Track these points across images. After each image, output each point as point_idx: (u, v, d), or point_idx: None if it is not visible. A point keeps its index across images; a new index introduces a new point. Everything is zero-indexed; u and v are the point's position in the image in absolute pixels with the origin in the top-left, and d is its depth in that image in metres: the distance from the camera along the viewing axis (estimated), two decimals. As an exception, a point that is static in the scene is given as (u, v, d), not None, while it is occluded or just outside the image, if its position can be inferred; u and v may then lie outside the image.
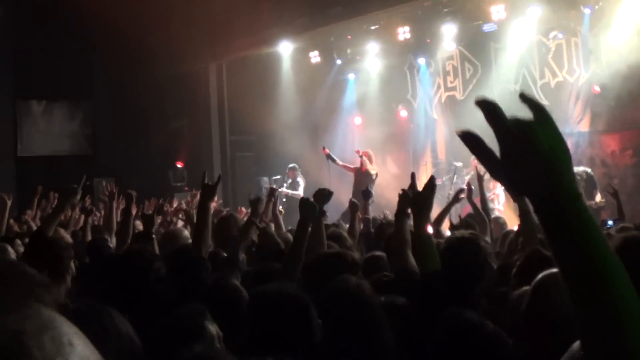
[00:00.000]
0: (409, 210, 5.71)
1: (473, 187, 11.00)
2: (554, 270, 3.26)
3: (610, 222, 7.98)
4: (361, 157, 20.33)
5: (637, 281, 3.87)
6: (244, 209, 15.19)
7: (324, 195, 6.66)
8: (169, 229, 10.88)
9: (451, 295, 4.81)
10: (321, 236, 6.51)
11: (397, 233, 5.90)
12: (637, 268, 4.53)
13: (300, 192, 21.36)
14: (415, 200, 5.47)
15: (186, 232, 8.90)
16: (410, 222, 5.74)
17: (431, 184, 5.45)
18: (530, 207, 2.05)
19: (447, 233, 9.31)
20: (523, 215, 6.59)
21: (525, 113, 1.83)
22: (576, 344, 2.64)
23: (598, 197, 17.05)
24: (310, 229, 6.14)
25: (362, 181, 19.58)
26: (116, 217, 10.35)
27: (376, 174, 20.14)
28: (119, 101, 24.74)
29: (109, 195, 10.16)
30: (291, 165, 22.71)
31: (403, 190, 6.01)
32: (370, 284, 4.67)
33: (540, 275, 3.79)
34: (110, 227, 9.77)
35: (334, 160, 20.77)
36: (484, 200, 11.38)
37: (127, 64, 23.30)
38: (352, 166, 20.26)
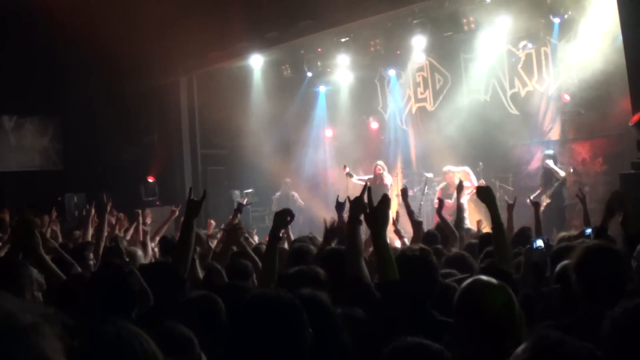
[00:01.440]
0: (362, 217, 5.70)
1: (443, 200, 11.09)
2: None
3: (588, 231, 7.95)
4: (380, 168, 20.32)
5: (601, 285, 3.87)
6: (213, 222, 15.10)
7: (283, 218, 6.58)
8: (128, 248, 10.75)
9: (408, 306, 4.83)
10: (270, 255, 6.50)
11: (349, 241, 5.86)
12: (599, 274, 4.55)
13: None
14: (371, 215, 5.45)
15: (140, 252, 8.85)
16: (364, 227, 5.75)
17: (386, 198, 5.46)
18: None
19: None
20: (494, 227, 6.55)
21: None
22: (519, 349, 2.67)
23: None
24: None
25: (378, 192, 19.66)
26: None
27: (391, 184, 20.13)
28: (90, 116, 24.62)
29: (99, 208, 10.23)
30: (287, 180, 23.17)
31: (356, 197, 5.98)
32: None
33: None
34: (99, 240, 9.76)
35: (351, 176, 20.79)
36: (460, 210, 11.43)
37: (97, 78, 23.19)
38: (366, 177, 20.20)
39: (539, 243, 6.60)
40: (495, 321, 3.64)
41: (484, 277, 3.93)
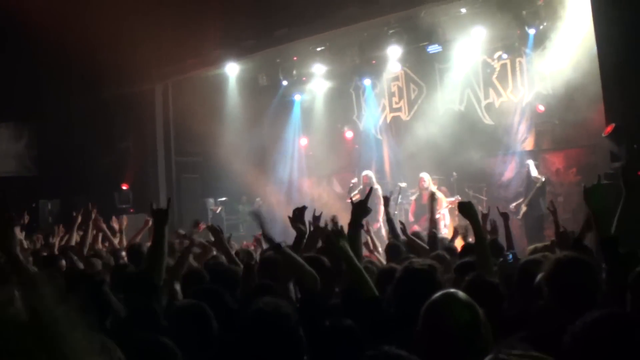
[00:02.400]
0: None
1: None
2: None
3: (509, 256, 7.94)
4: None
5: (572, 297, 3.85)
6: (181, 231, 14.98)
7: (362, 208, 6.46)
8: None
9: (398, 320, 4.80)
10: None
11: (352, 244, 5.69)
12: (570, 286, 4.54)
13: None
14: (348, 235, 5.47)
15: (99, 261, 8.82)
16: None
17: (360, 204, 5.49)
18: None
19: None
20: (477, 240, 6.55)
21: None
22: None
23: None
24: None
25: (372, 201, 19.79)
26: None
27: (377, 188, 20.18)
28: (65, 122, 24.50)
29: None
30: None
31: (360, 200, 6.01)
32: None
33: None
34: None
35: (351, 199, 20.84)
36: (433, 221, 11.45)
37: (72, 85, 23.09)
38: (356, 190, 20.24)
39: (511, 256, 6.64)
40: (457, 337, 3.62)
41: (454, 292, 3.92)
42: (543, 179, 18.58)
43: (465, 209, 6.61)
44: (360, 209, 5.99)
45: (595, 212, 5.76)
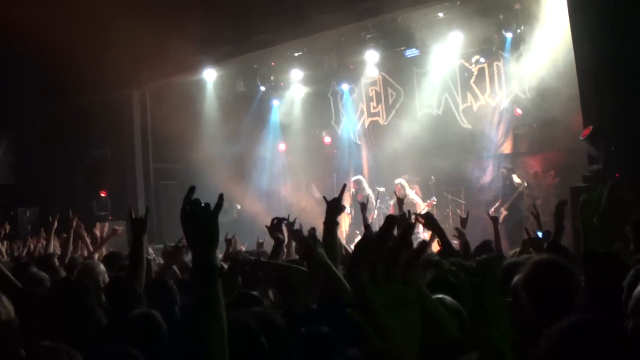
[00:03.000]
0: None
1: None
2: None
3: (539, 234, 8.02)
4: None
5: (550, 301, 3.81)
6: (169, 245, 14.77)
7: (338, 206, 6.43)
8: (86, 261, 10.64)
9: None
10: None
11: (326, 244, 5.69)
12: (547, 290, 4.52)
13: None
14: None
15: (102, 267, 8.71)
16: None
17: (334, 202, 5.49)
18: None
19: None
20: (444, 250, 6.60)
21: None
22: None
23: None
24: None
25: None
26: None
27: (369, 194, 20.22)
28: (42, 129, 24.33)
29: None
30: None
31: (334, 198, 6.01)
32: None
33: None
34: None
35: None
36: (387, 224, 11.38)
37: (50, 91, 22.94)
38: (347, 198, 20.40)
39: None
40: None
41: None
42: (525, 184, 18.65)
43: (426, 222, 6.67)
44: (335, 207, 5.97)
45: (586, 223, 5.81)
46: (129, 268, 6.64)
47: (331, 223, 5.85)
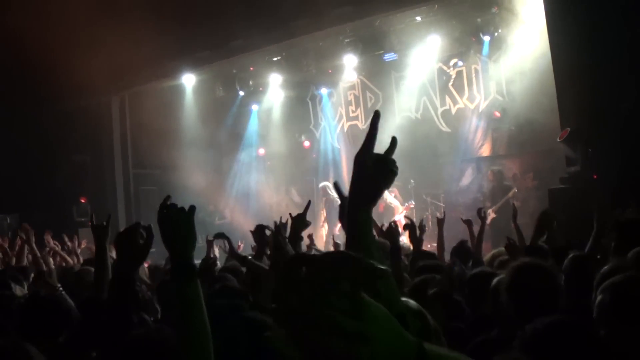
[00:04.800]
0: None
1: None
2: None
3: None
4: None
5: (533, 303, 3.86)
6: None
7: (302, 222, 6.50)
8: (80, 268, 10.55)
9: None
10: None
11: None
12: (530, 293, 4.56)
13: None
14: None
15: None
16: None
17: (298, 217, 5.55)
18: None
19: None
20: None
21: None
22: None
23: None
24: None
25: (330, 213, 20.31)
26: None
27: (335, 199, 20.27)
28: (21, 135, 24.19)
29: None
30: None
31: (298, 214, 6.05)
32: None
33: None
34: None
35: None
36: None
37: (28, 97, 22.83)
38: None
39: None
40: None
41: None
42: (515, 190, 18.71)
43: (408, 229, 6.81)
44: (299, 222, 6.02)
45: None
46: (95, 278, 6.55)
47: (296, 237, 5.91)
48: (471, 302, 5.76)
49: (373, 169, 2.92)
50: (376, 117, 2.72)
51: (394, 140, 2.92)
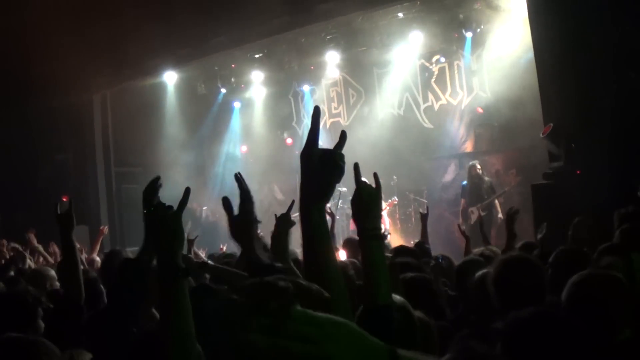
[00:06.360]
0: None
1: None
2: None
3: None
4: None
5: (519, 297, 3.83)
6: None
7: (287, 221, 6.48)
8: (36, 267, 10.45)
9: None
10: None
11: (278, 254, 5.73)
12: (516, 286, 4.55)
13: None
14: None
15: (52, 272, 8.54)
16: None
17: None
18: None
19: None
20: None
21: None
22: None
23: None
24: None
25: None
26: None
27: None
28: (2, 135, 24.05)
29: None
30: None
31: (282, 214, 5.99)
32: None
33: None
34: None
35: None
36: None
37: (8, 96, 22.69)
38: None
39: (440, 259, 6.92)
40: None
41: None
42: (505, 190, 18.69)
43: None
44: (283, 222, 5.98)
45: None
46: (64, 276, 6.29)
47: (281, 236, 5.85)
48: (459, 289, 5.76)
49: (319, 164, 3.00)
50: (317, 112, 2.73)
51: (343, 134, 2.92)
